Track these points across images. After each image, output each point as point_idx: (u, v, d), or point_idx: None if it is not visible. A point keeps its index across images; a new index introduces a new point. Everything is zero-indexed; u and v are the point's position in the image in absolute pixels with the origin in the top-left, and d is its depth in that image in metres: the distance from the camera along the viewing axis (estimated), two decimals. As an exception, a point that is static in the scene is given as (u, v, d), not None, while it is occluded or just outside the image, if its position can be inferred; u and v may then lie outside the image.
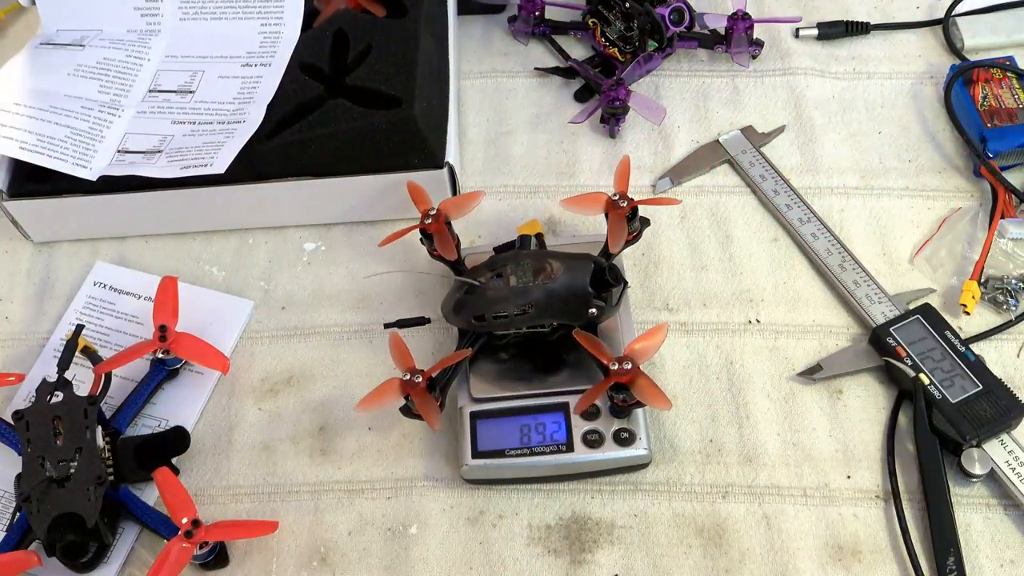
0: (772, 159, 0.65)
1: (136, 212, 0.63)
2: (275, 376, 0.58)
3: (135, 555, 0.52)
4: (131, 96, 0.65)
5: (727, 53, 0.69)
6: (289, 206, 0.63)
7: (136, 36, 0.68)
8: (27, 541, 0.51)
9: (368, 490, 0.54)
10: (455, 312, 0.53)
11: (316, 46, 0.65)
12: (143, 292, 0.61)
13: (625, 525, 0.52)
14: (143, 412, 0.56)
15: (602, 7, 0.69)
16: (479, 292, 0.52)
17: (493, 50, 0.73)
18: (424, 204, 0.56)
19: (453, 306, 0.53)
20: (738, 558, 0.50)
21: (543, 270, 0.51)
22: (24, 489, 0.50)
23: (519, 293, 0.51)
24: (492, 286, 0.51)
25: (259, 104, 0.62)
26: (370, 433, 0.56)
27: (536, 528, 0.52)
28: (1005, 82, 0.65)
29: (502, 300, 0.51)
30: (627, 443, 0.51)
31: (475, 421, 0.52)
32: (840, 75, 0.70)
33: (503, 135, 0.68)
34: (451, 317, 0.53)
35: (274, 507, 0.54)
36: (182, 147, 0.61)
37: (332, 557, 0.52)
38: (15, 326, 0.61)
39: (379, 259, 0.62)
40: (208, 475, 0.55)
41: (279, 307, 0.61)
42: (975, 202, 0.63)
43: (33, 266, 0.64)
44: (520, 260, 0.52)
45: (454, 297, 0.53)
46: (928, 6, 0.73)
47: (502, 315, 0.51)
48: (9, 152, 0.61)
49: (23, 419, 0.52)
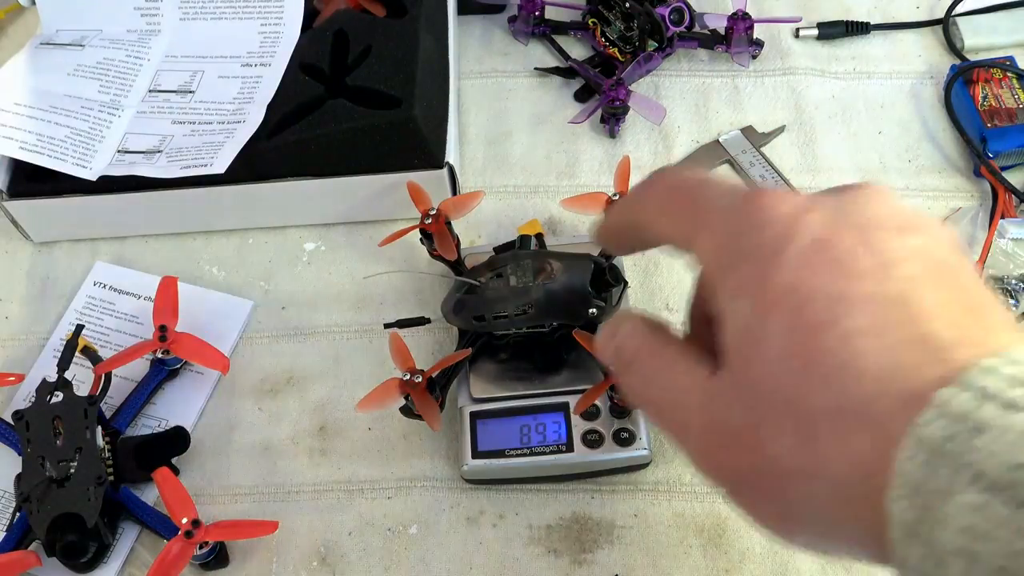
0: (772, 159, 0.65)
1: (136, 212, 0.63)
2: (275, 376, 0.58)
3: (135, 555, 0.52)
4: (131, 96, 0.65)
5: (727, 53, 0.69)
6: (289, 206, 0.63)
7: (136, 36, 0.68)
8: (27, 541, 0.51)
9: (368, 490, 0.54)
10: (455, 312, 0.53)
11: (316, 46, 0.65)
12: (143, 292, 0.61)
13: (625, 525, 0.52)
14: (143, 412, 0.56)
15: (602, 7, 0.69)
16: (479, 292, 0.51)
17: (493, 50, 0.73)
18: (424, 204, 0.56)
19: (453, 306, 0.53)
20: (738, 558, 0.50)
21: (543, 270, 0.51)
22: (24, 489, 0.50)
23: (519, 293, 0.51)
24: (492, 286, 0.51)
25: (259, 104, 0.62)
26: (370, 433, 0.56)
27: (536, 528, 0.52)
28: (1005, 82, 0.65)
29: (502, 300, 0.51)
30: (627, 443, 0.51)
31: (475, 421, 0.52)
32: (840, 75, 0.70)
33: (503, 135, 0.68)
34: (451, 317, 0.53)
35: (274, 507, 0.54)
36: (182, 147, 0.61)
37: (332, 557, 0.52)
38: (15, 326, 0.61)
39: (379, 259, 0.62)
40: (208, 475, 0.55)
41: (279, 307, 0.61)
42: (975, 202, 0.63)
43: (33, 266, 0.64)
44: (520, 260, 0.52)
45: (454, 297, 0.53)
46: (928, 6, 0.73)
47: (502, 315, 0.51)
48: (9, 152, 0.61)
49: (23, 419, 0.52)
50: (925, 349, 0.26)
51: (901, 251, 0.28)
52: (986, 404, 0.24)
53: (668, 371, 0.33)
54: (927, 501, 0.24)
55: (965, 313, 0.27)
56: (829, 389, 0.27)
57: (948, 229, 0.31)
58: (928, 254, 0.29)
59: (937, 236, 0.30)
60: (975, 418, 0.24)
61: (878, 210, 0.30)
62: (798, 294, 0.28)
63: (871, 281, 0.28)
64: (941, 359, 0.26)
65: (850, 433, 0.27)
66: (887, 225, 0.29)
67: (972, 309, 0.28)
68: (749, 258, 0.30)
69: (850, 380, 0.27)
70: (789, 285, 0.29)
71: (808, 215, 0.30)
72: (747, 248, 0.30)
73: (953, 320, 0.27)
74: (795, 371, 0.28)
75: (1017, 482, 0.23)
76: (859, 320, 0.27)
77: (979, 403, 0.24)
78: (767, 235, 0.30)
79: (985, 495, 0.23)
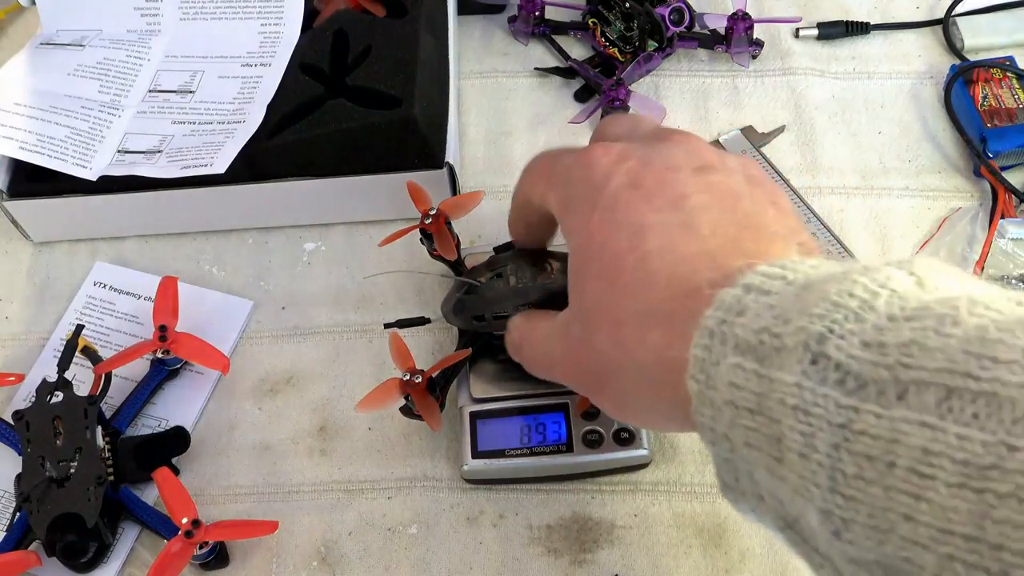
0: (772, 159, 0.65)
1: (136, 212, 0.63)
2: (275, 376, 0.58)
3: (135, 555, 0.52)
4: (131, 96, 0.65)
5: (727, 53, 0.69)
6: (289, 206, 0.63)
7: (136, 36, 0.68)
8: (27, 541, 0.51)
9: (368, 490, 0.54)
10: (455, 312, 0.53)
11: (316, 46, 0.65)
12: (143, 292, 0.61)
13: (625, 525, 0.52)
14: (143, 412, 0.56)
15: (602, 7, 0.69)
16: (479, 292, 0.51)
17: (493, 50, 0.73)
18: (424, 204, 0.56)
19: (453, 306, 0.53)
20: (738, 558, 0.50)
21: (543, 270, 0.51)
22: (24, 489, 0.50)
23: (519, 293, 0.50)
24: (492, 286, 0.51)
25: (259, 104, 0.62)
26: (370, 433, 0.56)
27: (536, 528, 0.52)
28: (1005, 82, 0.65)
29: (502, 300, 0.51)
30: (627, 443, 0.51)
31: (475, 421, 0.52)
32: (840, 75, 0.70)
33: (503, 135, 0.68)
34: (451, 317, 0.53)
35: (274, 507, 0.54)
36: (182, 147, 0.61)
37: (332, 557, 0.52)
38: (15, 326, 0.61)
39: (379, 259, 0.62)
40: (208, 475, 0.55)
41: (279, 307, 0.61)
42: (975, 202, 0.63)
43: (33, 266, 0.64)
44: (520, 260, 0.52)
45: (454, 297, 0.53)
46: (928, 6, 0.73)
47: (502, 315, 0.51)
48: (9, 152, 0.61)
49: (23, 419, 0.52)
50: (704, 261, 0.34)
51: (694, 187, 0.36)
52: (748, 295, 0.31)
53: (538, 331, 0.44)
54: (708, 372, 0.31)
55: (742, 231, 0.35)
56: (631, 298, 0.35)
57: (747, 164, 0.38)
58: (718, 187, 0.36)
59: (730, 171, 0.37)
60: (739, 306, 0.31)
61: (679, 154, 0.37)
62: (610, 226, 0.36)
63: (667, 213, 0.35)
64: (716, 266, 0.33)
65: (647, 329, 0.34)
66: (686, 166, 0.37)
67: (749, 227, 0.35)
68: (579, 202, 0.38)
69: (647, 290, 0.34)
70: (604, 220, 0.37)
71: (623, 163, 0.37)
72: (577, 195, 0.39)
73: (729, 237, 0.34)
74: (608, 287, 0.36)
75: (760, 342, 0.29)
76: (654, 243, 0.35)
77: (743, 295, 0.31)
78: (590, 182, 0.38)
79: (739, 356, 0.30)
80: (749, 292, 0.31)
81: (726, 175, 0.37)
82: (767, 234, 0.35)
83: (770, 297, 0.30)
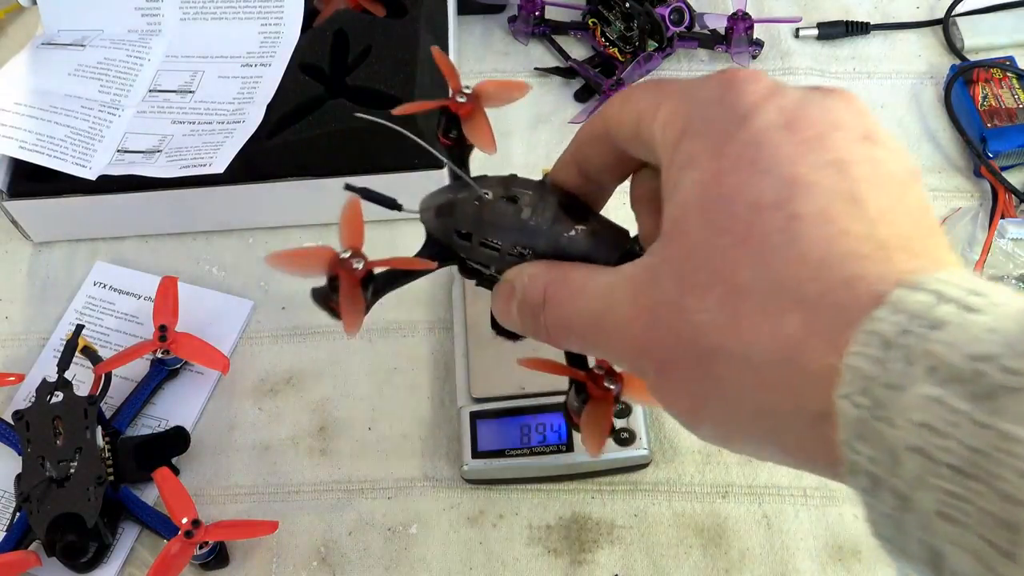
0: (772, 159, 0.65)
1: (136, 212, 0.63)
2: (275, 376, 0.58)
3: (135, 555, 0.52)
4: (131, 96, 0.65)
5: (727, 53, 0.69)
6: (289, 206, 0.63)
7: (136, 36, 0.68)
8: (27, 541, 0.51)
9: (368, 490, 0.54)
10: (437, 214, 0.40)
11: (316, 46, 0.65)
12: (143, 292, 0.61)
13: (625, 525, 0.52)
14: (143, 412, 0.56)
15: (602, 7, 0.69)
16: (479, 205, 0.39)
17: (493, 50, 0.73)
18: (455, 80, 0.43)
19: (440, 206, 0.40)
20: (738, 558, 0.50)
21: (567, 220, 0.38)
22: (24, 489, 0.50)
23: (526, 231, 0.38)
24: (499, 207, 0.39)
25: (259, 104, 0.62)
26: (370, 433, 0.56)
27: (536, 528, 0.52)
28: (1005, 82, 0.65)
29: (502, 229, 0.39)
30: (627, 443, 0.51)
31: (475, 421, 0.52)
32: (840, 75, 0.70)
33: (503, 135, 0.68)
34: (430, 217, 0.41)
35: (274, 507, 0.54)
36: (182, 147, 0.61)
37: (332, 557, 0.52)
38: (15, 326, 0.61)
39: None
40: (208, 475, 0.55)
41: (279, 307, 0.61)
42: (975, 202, 0.63)
43: (33, 266, 0.64)
44: (547, 196, 0.39)
45: (444, 195, 0.41)
46: (928, 6, 0.73)
47: (493, 245, 0.39)
48: (9, 152, 0.61)
49: (23, 419, 0.52)
50: (871, 246, 0.25)
51: (859, 155, 0.28)
52: (944, 305, 0.23)
53: (589, 284, 0.32)
54: (878, 397, 0.23)
55: (912, 225, 0.27)
56: (765, 266, 0.26)
57: (909, 155, 0.30)
58: (884, 165, 0.28)
59: (896, 153, 0.29)
60: (932, 316, 0.23)
61: (844, 113, 0.29)
62: (751, 168, 0.27)
63: (828, 174, 0.27)
64: (887, 258, 0.25)
65: (780, 313, 0.25)
66: (851, 128, 0.29)
67: (918, 224, 0.27)
68: (710, 124, 0.29)
69: (789, 261, 0.26)
70: (745, 157, 0.28)
71: (775, 98, 0.29)
72: (708, 116, 0.29)
73: (900, 228, 0.26)
74: (732, 244, 0.27)
75: (980, 374, 0.21)
76: (809, 206, 0.26)
77: (937, 303, 0.23)
78: (731, 106, 0.29)
79: (938, 387, 0.22)
80: (945, 302, 0.23)
81: (891, 154, 0.29)
82: (941, 239, 0.27)
83: (981, 316, 0.22)
